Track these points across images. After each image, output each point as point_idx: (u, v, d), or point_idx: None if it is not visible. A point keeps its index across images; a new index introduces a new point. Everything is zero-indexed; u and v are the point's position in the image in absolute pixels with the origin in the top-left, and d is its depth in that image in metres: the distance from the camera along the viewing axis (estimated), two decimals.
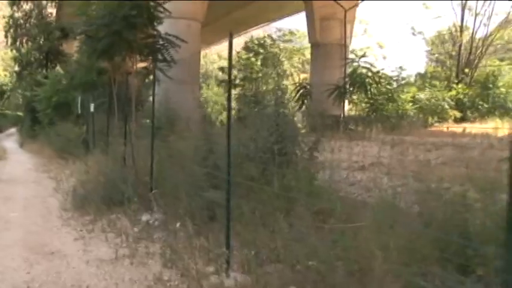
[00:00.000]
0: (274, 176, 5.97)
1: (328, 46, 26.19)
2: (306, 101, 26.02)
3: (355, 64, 24.18)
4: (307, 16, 26.94)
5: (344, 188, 6.69)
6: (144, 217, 6.68)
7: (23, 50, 26.76)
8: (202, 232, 5.52)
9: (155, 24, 14.20)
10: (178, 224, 5.36)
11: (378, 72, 22.64)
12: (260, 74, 35.69)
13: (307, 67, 38.73)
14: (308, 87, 26.47)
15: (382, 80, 22.63)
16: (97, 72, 17.77)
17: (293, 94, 35.43)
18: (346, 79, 23.88)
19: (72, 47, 27.38)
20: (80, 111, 15.95)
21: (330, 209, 5.23)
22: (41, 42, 26.05)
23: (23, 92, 26.20)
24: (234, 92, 38.60)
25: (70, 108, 16.90)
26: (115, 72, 16.68)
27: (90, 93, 15.88)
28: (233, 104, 39.77)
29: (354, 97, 24.25)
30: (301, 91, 26.39)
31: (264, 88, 35.17)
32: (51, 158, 14.39)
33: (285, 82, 36.67)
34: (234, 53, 5.58)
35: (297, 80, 37.39)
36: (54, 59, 25.90)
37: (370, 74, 22.57)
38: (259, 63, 35.59)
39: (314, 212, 5.25)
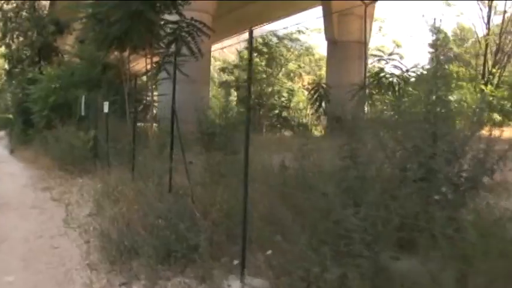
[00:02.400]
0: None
1: (346, 44, 23.57)
2: (323, 104, 23.34)
3: (378, 63, 21.70)
4: (323, 11, 24.26)
5: None
6: (233, 285, 3.86)
7: (14, 46, 23.51)
8: None
9: (180, 7, 11.42)
10: None
11: (407, 71, 20.08)
12: (264, 75, 32.85)
13: (314, 68, 36.18)
14: (324, 87, 23.74)
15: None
16: (102, 67, 14.89)
17: (305, 96, 32.90)
18: (371, 79, 21.36)
19: (68, 42, 24.36)
20: (83, 113, 12.99)
21: None
22: (33, 37, 22.87)
23: (13, 91, 22.98)
24: (236, 94, 35.82)
25: (71, 110, 13.91)
26: (125, 66, 13.84)
27: (96, 91, 13.01)
28: (236, 107, 37.07)
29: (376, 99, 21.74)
30: (318, 92, 23.66)
31: (270, 90, 32.47)
32: (50, 170, 11.39)
33: (290, 84, 34.06)
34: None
35: (305, 81, 34.93)
36: (47, 56, 22.71)
37: (397, 73, 20.09)
38: (263, 63, 32.74)
39: None
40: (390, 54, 20.89)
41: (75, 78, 14.38)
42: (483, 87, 22.92)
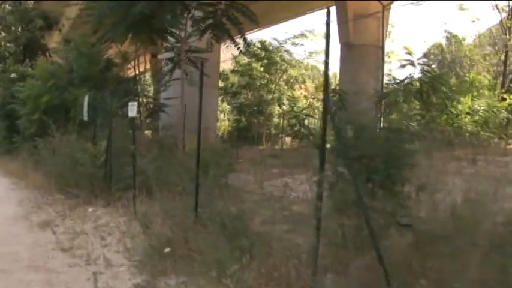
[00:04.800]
0: None
1: (362, 47, 21.07)
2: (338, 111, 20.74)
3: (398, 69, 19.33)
4: (337, 13, 21.70)
5: None
6: None
7: None
8: None
9: None
10: None
11: (441, 77, 17.69)
12: (263, 81, 30.05)
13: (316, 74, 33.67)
14: (340, 94, 21.12)
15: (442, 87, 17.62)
16: (105, 63, 12.00)
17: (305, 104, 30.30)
18: (396, 85, 18.97)
19: (54, 40, 21.24)
20: (86, 117, 10.03)
21: None
22: (18, 32, 19.71)
23: None
24: (233, 100, 33.02)
25: (68, 113, 10.94)
26: (135, 61, 11.00)
27: (100, 91, 10.15)
28: (232, 114, 34.20)
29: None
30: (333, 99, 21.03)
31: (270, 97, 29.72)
32: (45, 191, 8.40)
33: (293, 91, 31.42)
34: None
35: (307, 89, 32.46)
36: (33, 54, 19.50)
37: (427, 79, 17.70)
38: (261, 69, 29.95)
39: None
40: (421, 59, 18.42)
41: (73, 74, 11.38)
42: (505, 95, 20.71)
